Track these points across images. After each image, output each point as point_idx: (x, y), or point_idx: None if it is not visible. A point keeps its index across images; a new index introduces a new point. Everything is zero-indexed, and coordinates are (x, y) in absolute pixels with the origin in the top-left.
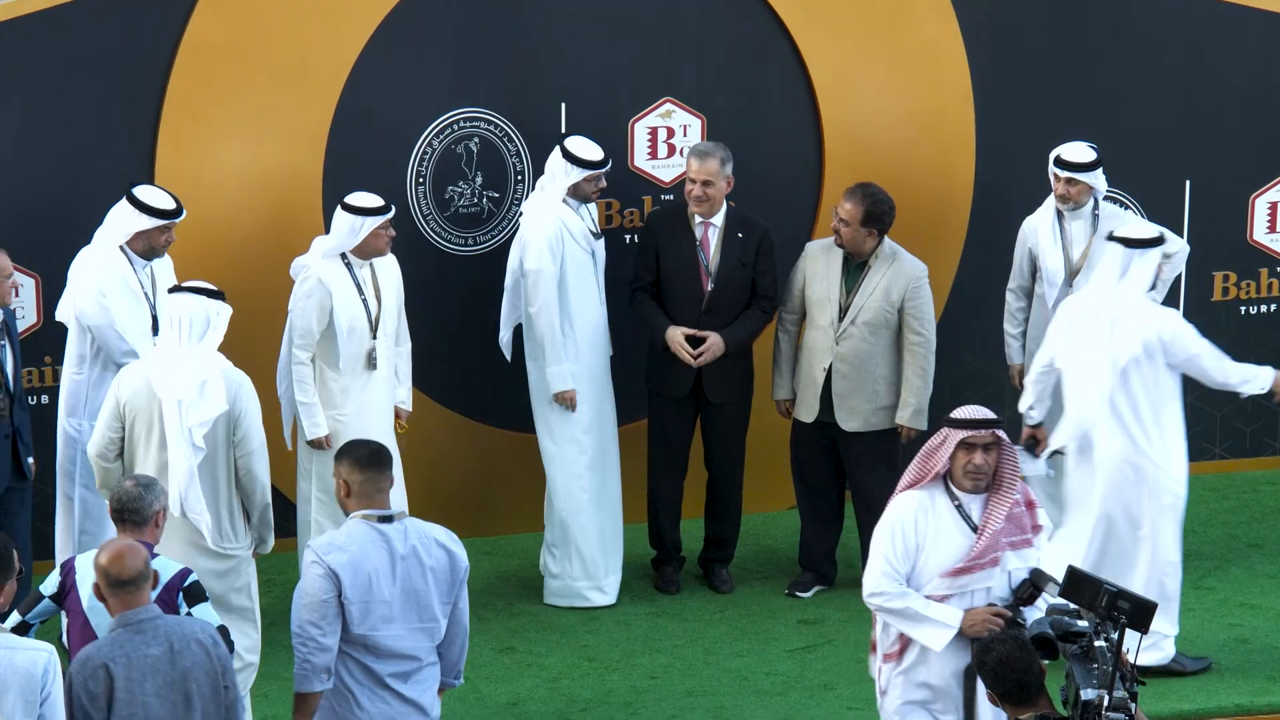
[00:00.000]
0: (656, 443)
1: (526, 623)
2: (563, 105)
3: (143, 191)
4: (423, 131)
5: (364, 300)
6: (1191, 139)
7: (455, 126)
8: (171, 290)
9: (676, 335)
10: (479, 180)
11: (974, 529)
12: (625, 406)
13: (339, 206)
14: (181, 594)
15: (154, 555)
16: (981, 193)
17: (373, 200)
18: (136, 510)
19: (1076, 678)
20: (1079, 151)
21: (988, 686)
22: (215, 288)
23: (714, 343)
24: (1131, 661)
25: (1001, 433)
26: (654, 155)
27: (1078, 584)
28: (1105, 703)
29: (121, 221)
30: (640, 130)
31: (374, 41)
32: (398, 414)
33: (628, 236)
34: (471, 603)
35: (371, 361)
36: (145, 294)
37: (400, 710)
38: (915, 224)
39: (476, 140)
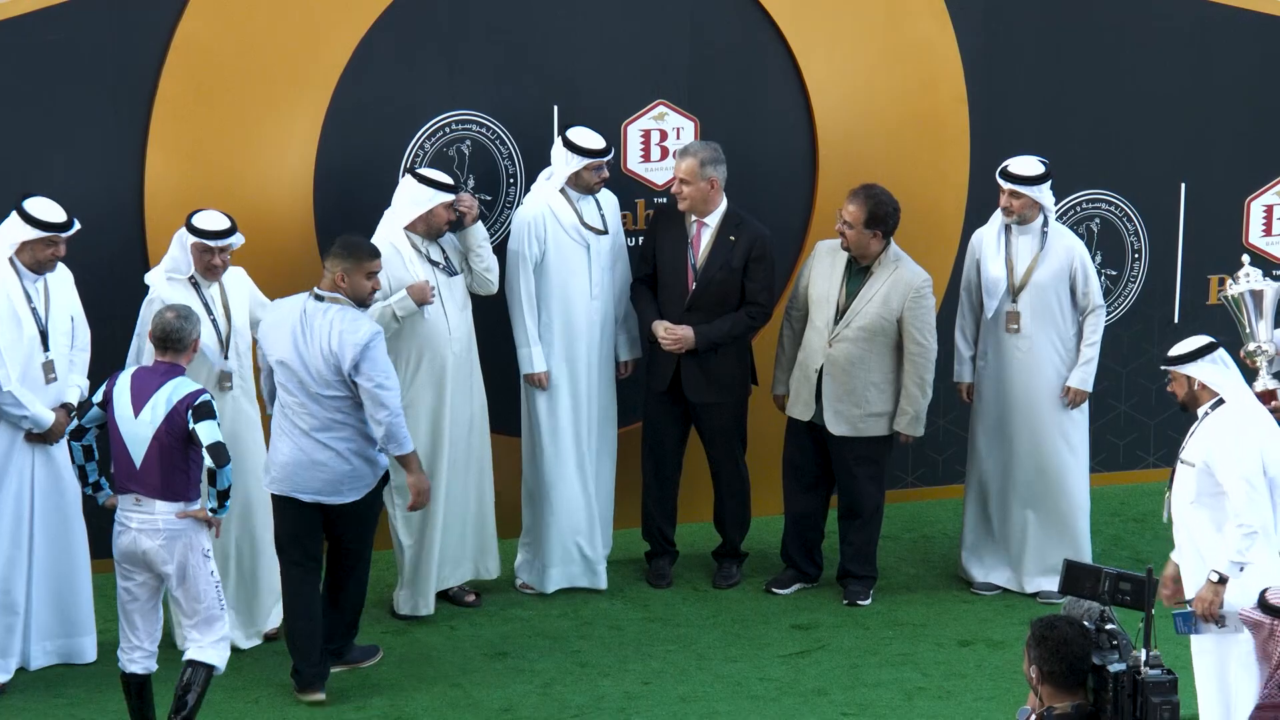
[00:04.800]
0: (646, 437)
1: (518, 628)
2: (555, 108)
3: (32, 204)
4: (415, 134)
5: (214, 321)
6: (1187, 142)
7: (447, 129)
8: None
9: (658, 327)
10: (471, 183)
11: None
12: (631, 407)
13: (184, 227)
14: (190, 410)
15: (181, 375)
16: (976, 195)
17: (218, 222)
18: (179, 339)
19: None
20: (1025, 165)
21: (1037, 662)
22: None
23: (683, 335)
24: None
25: None
26: (647, 158)
27: (1077, 575)
28: (1143, 658)
29: (8, 233)
30: (633, 133)
31: (366, 43)
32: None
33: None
34: (463, 609)
35: (226, 383)
36: (33, 309)
37: (304, 447)
38: (909, 227)
39: (468, 143)
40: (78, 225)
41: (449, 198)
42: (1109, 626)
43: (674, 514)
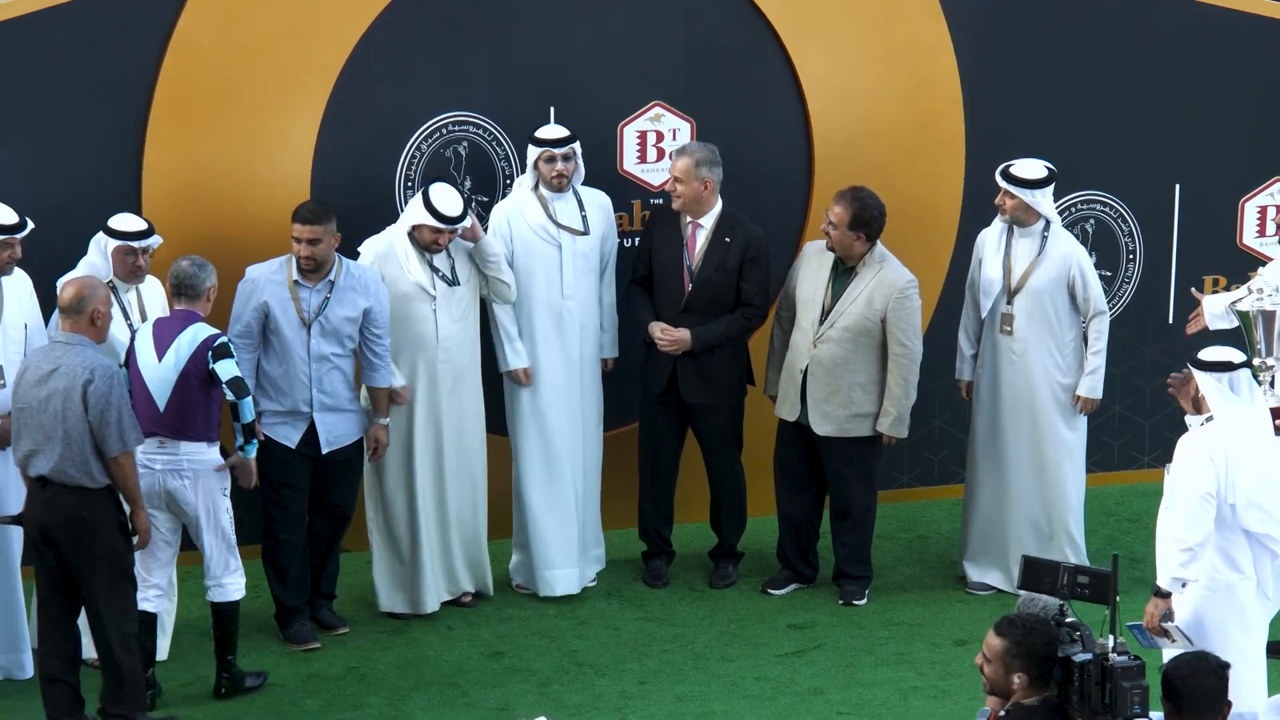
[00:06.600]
0: (643, 437)
1: (515, 628)
2: (551, 109)
3: None
4: (411, 135)
5: (131, 326)
6: (1182, 143)
7: (444, 130)
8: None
9: (655, 328)
10: (467, 184)
11: None
12: (627, 407)
13: (102, 232)
14: (210, 351)
15: (199, 320)
16: (971, 197)
17: (137, 223)
18: (192, 286)
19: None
20: (1027, 167)
21: (1024, 669)
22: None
23: (680, 336)
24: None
25: None
26: (643, 159)
27: (1036, 570)
28: (1111, 645)
29: None
30: (629, 134)
31: (362, 45)
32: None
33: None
34: (460, 608)
35: None
36: None
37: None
38: (905, 228)
39: (465, 144)
40: (31, 225)
41: (433, 222)
42: (1068, 619)
43: (670, 514)
